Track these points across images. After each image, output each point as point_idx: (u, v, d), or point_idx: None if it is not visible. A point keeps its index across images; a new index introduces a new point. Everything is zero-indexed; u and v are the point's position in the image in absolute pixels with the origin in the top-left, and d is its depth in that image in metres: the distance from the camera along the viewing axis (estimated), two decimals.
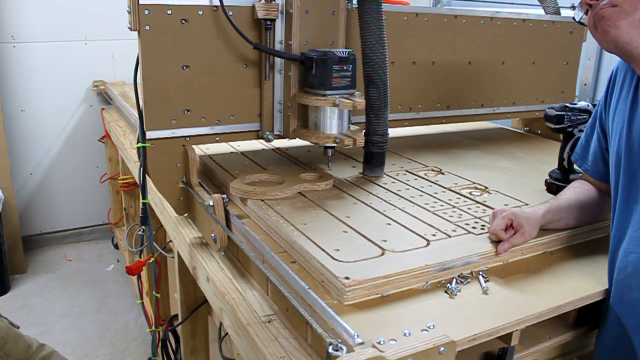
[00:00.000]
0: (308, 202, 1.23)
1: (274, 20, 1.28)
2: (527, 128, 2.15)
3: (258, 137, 1.40)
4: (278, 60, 1.32)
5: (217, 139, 1.34)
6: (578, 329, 1.00)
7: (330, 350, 0.73)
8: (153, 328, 1.60)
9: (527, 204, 1.26)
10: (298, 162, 1.51)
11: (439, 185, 1.38)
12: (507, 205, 1.25)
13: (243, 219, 1.19)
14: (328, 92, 1.25)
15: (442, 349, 0.71)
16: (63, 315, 2.60)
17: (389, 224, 1.12)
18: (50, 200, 3.23)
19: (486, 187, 1.37)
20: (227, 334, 1.07)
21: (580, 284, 0.97)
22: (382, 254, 0.98)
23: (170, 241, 1.56)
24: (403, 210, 1.20)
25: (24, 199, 3.15)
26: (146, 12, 1.16)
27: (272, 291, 1.00)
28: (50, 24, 2.97)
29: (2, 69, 2.93)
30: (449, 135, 2.00)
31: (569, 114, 1.33)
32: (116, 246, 3.24)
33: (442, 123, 1.82)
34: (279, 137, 1.39)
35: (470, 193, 1.33)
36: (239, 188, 1.24)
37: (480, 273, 0.97)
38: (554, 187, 1.35)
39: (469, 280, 0.95)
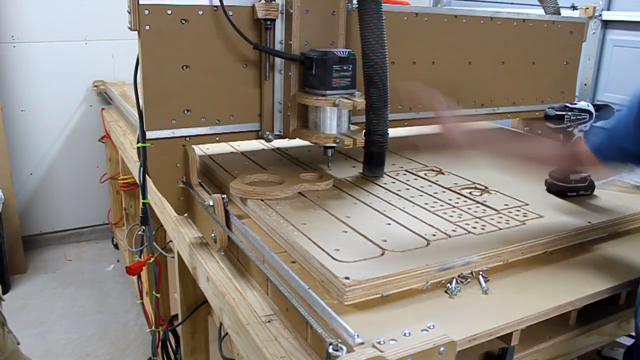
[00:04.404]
0: (308, 202, 1.23)
1: (274, 20, 1.28)
2: (527, 128, 2.15)
3: (258, 137, 1.40)
4: (278, 60, 1.32)
5: (217, 139, 1.34)
6: (578, 329, 1.00)
7: (330, 350, 0.73)
8: (153, 328, 1.60)
9: (527, 204, 1.26)
10: (298, 162, 1.51)
11: (439, 185, 1.38)
12: (507, 205, 1.25)
13: (243, 219, 1.19)
14: (328, 92, 1.25)
15: (442, 349, 0.71)
16: (63, 315, 2.60)
17: (389, 224, 1.12)
18: (50, 200, 3.23)
19: (486, 187, 1.37)
20: (227, 334, 1.07)
21: (580, 284, 0.97)
22: (382, 254, 0.98)
23: (170, 241, 1.56)
24: (403, 210, 1.20)
25: (24, 199, 3.15)
26: (146, 12, 1.16)
27: (272, 291, 1.00)
28: (50, 24, 2.97)
29: (2, 69, 2.93)
30: None
31: (569, 114, 1.32)
32: (116, 246, 3.24)
33: None
34: (279, 137, 1.39)
35: (470, 193, 1.33)
36: (239, 188, 1.24)
37: (480, 273, 0.97)
38: (554, 187, 1.35)
39: (469, 280, 0.95)
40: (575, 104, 1.35)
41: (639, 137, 1.02)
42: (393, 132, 1.47)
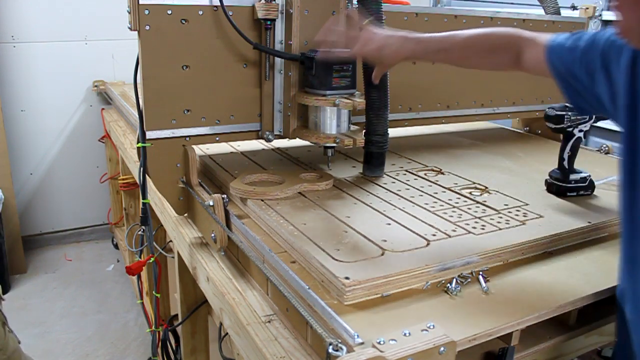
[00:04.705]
0: (308, 202, 1.23)
1: (274, 20, 1.28)
2: (527, 128, 2.15)
3: (258, 137, 1.40)
4: (278, 60, 1.32)
5: (217, 139, 1.34)
6: (578, 329, 1.00)
7: (330, 350, 0.73)
8: (153, 328, 1.60)
9: (527, 204, 1.26)
10: (298, 162, 1.51)
11: (439, 185, 1.38)
12: (507, 205, 1.25)
13: (243, 219, 1.19)
14: (328, 92, 1.25)
15: (442, 349, 0.71)
16: (63, 315, 2.60)
17: (389, 224, 1.12)
18: (50, 200, 3.23)
19: (486, 187, 1.37)
20: (227, 334, 1.07)
21: (580, 284, 0.97)
22: (382, 254, 0.98)
23: (170, 241, 1.56)
24: (403, 210, 1.20)
25: (24, 199, 3.15)
26: (146, 12, 1.16)
27: (272, 291, 1.00)
28: (50, 24, 2.97)
29: (2, 69, 2.93)
30: (449, 135, 2.00)
31: (569, 114, 1.33)
32: (116, 246, 3.24)
33: (442, 123, 1.82)
34: (279, 137, 1.39)
35: (470, 193, 1.33)
36: (239, 188, 1.24)
37: (480, 273, 0.97)
38: (554, 187, 1.35)
39: (469, 280, 0.95)
40: None
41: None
42: (393, 132, 1.47)
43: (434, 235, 1.07)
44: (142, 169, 1.26)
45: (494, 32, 1.12)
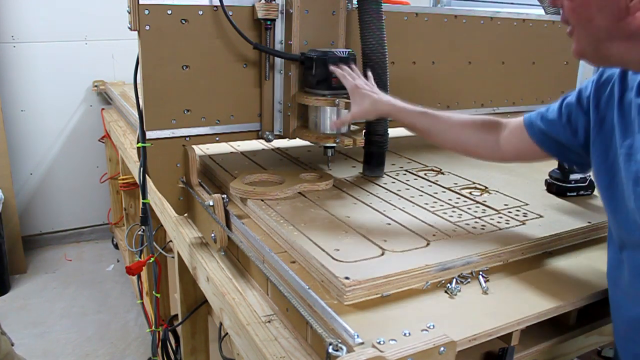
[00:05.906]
0: (308, 202, 1.23)
1: (274, 20, 1.28)
2: None
3: (258, 137, 1.40)
4: (278, 60, 1.32)
5: (217, 139, 1.34)
6: (578, 329, 1.00)
7: (330, 350, 0.73)
8: (153, 328, 1.60)
9: (527, 204, 1.26)
10: (298, 162, 1.51)
11: (439, 185, 1.38)
12: (507, 205, 1.25)
13: (243, 219, 1.19)
14: (328, 92, 1.25)
15: (442, 349, 0.71)
16: (63, 316, 2.60)
17: (389, 224, 1.12)
18: (50, 200, 3.23)
19: (486, 187, 1.37)
20: (227, 334, 1.07)
21: (580, 284, 0.97)
22: (382, 254, 0.98)
23: (170, 241, 1.56)
24: (403, 210, 1.20)
25: (24, 199, 3.15)
26: (146, 12, 1.16)
27: (272, 291, 1.00)
28: (50, 24, 2.97)
29: (2, 69, 2.93)
30: None
31: None
32: (116, 246, 3.24)
33: None
34: (279, 137, 1.39)
35: (470, 193, 1.33)
36: (239, 188, 1.24)
37: (480, 273, 0.97)
38: (554, 187, 1.35)
39: (469, 280, 0.95)
40: None
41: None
42: (393, 132, 1.47)
43: (434, 235, 1.07)
44: (142, 169, 1.26)
45: (477, 117, 1.15)
